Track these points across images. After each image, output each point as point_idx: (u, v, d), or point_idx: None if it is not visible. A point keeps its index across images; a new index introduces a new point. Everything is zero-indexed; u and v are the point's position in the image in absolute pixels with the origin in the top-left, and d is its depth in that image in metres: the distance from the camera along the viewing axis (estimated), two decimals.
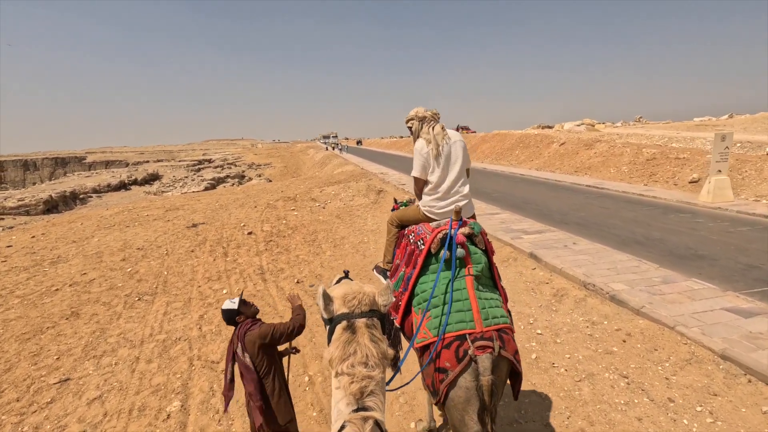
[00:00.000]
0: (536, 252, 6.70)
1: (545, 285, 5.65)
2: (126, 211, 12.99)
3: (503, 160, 25.93)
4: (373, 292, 1.57)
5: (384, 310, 1.56)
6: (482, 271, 2.15)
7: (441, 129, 2.60)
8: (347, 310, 1.47)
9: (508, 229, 8.37)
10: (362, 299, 1.50)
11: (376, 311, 1.53)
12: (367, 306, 1.50)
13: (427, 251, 2.24)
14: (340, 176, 22.50)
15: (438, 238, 2.20)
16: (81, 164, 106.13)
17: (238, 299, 2.51)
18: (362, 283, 1.70)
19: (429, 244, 2.22)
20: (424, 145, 2.57)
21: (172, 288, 5.96)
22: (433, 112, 2.70)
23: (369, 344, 1.37)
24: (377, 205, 12.52)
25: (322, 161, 45.10)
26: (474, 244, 2.22)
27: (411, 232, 2.50)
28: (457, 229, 2.20)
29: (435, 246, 2.20)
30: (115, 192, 27.59)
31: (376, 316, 1.51)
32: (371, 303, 1.52)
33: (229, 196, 16.01)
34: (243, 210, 12.11)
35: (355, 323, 1.42)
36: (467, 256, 2.14)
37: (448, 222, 2.27)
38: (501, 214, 9.84)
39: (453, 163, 2.57)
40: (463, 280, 2.08)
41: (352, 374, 1.29)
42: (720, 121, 26.35)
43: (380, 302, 1.54)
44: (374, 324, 1.48)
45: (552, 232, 8.02)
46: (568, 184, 14.98)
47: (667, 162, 14.54)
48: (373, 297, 1.55)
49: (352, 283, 1.68)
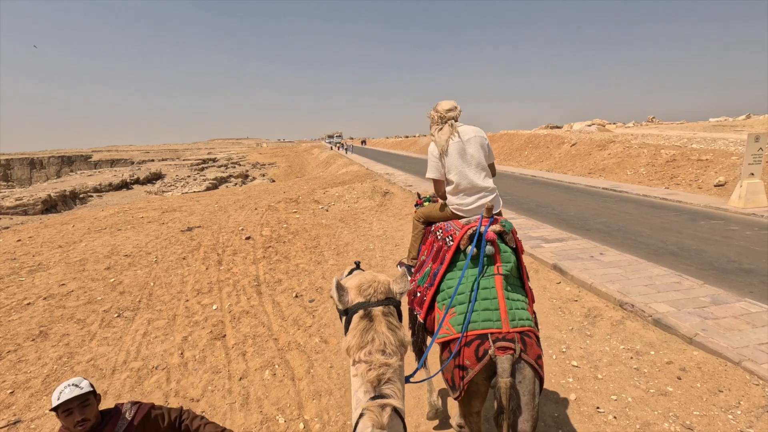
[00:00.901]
0: (560, 264, 6.05)
1: (574, 303, 5.01)
2: (121, 212, 12.45)
3: (512, 161, 25.22)
4: (388, 280, 1.57)
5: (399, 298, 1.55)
6: (511, 271, 2.11)
7: (449, 128, 2.58)
8: (363, 299, 1.47)
9: (526, 236, 7.71)
10: (377, 288, 1.51)
11: (392, 299, 1.52)
12: (382, 294, 1.50)
13: (455, 248, 2.21)
14: (344, 177, 21.91)
15: (467, 235, 2.18)
16: (87, 163, 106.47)
17: (86, 382, 1.63)
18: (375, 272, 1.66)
19: (458, 240, 2.20)
20: (434, 147, 2.60)
21: (157, 302, 5.37)
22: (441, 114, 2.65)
23: (386, 331, 1.36)
24: (383, 208, 11.90)
25: (326, 161, 44.57)
26: (504, 242, 2.18)
27: (439, 228, 2.49)
28: (488, 226, 2.16)
29: (464, 243, 2.18)
30: (116, 191, 27.12)
31: (392, 304, 1.50)
32: (386, 291, 1.52)
33: (230, 196, 15.45)
34: (243, 212, 11.53)
35: (372, 311, 1.42)
36: (497, 254, 2.10)
37: (478, 219, 2.25)
38: (516, 219, 9.18)
39: (469, 159, 2.54)
40: (492, 278, 2.03)
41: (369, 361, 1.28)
42: (738, 122, 25.49)
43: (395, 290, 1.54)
44: (391, 311, 1.47)
45: (574, 240, 7.36)
46: (582, 186, 14.28)
47: (689, 164, 13.81)
48: (388, 285, 1.55)
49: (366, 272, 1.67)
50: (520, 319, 1.94)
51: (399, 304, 1.58)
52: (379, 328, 1.39)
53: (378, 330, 1.38)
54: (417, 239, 2.88)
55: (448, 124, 2.61)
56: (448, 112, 2.63)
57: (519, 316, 1.95)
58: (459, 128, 2.60)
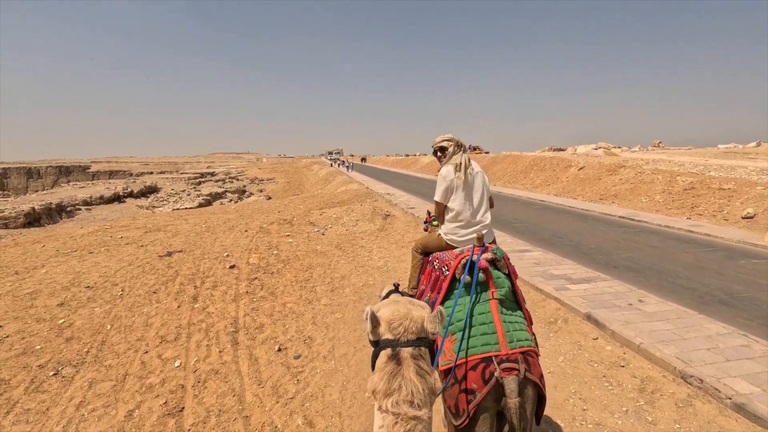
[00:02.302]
0: (594, 313, 5.11)
1: (621, 370, 4.05)
2: (101, 230, 11.51)
3: (517, 183, 24.46)
4: (422, 317, 1.46)
5: (433, 338, 1.44)
6: (506, 295, 2.16)
7: (468, 160, 2.71)
8: (392, 337, 1.38)
9: (546, 274, 6.79)
10: (408, 326, 1.41)
11: (424, 339, 1.41)
12: (413, 334, 1.40)
13: (451, 276, 2.28)
14: (343, 195, 21.06)
15: (461, 264, 2.25)
16: (85, 173, 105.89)
17: None
18: (412, 301, 1.55)
19: (453, 269, 2.27)
20: (451, 171, 2.67)
21: (109, 354, 4.39)
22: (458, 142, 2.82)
23: (415, 379, 1.28)
24: (384, 234, 10.99)
25: (325, 178, 43.86)
26: (497, 268, 2.25)
27: (435, 258, 2.55)
28: (480, 254, 2.24)
29: (459, 272, 2.24)
30: (107, 204, 26.17)
31: (424, 345, 1.40)
32: (419, 330, 1.42)
33: (221, 215, 14.54)
34: (231, 234, 10.61)
35: (401, 353, 1.33)
36: (490, 280, 2.17)
37: (470, 248, 2.32)
38: (532, 252, 8.26)
39: (475, 192, 2.68)
40: (488, 303, 2.09)
41: (397, 414, 1.21)
42: (748, 149, 24.88)
43: (429, 329, 1.43)
44: (421, 354, 1.37)
45: (604, 280, 6.43)
46: (597, 213, 13.42)
47: (710, 193, 12.98)
48: (422, 323, 1.44)
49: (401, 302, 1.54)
50: (518, 339, 1.97)
51: (432, 344, 1.46)
52: (407, 374, 1.28)
53: (406, 376, 1.28)
54: (416, 269, 2.94)
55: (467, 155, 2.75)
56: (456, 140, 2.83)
57: (517, 337, 1.98)
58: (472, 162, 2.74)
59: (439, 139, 2.89)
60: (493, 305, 2.07)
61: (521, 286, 6.51)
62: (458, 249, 2.52)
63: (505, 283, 2.19)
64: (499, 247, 2.39)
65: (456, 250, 2.49)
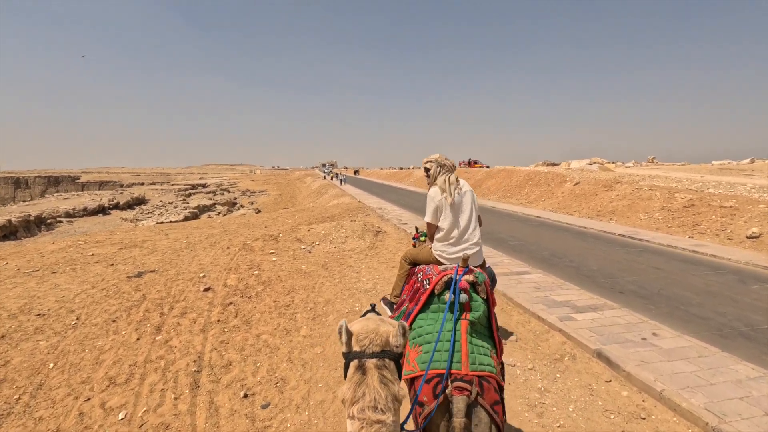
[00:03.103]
0: (606, 350, 4.55)
1: (642, 424, 3.48)
2: (73, 246, 10.81)
3: (512, 198, 24.07)
4: (388, 332, 1.55)
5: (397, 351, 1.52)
6: (479, 319, 2.15)
7: (456, 180, 2.80)
8: (359, 349, 1.48)
9: (548, 300, 6.23)
10: (374, 339, 1.51)
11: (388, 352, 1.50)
12: (378, 346, 1.49)
13: (430, 291, 2.30)
14: (334, 210, 20.50)
15: (443, 281, 2.27)
16: (74, 184, 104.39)
17: None
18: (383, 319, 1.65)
19: (434, 284, 2.29)
20: (438, 192, 2.77)
21: (43, 402, 3.73)
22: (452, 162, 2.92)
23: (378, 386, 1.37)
24: (374, 252, 10.40)
25: (318, 190, 43.30)
26: (476, 292, 2.24)
27: (420, 271, 2.55)
28: (462, 275, 2.27)
29: (439, 288, 2.27)
30: (91, 216, 25.30)
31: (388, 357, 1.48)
32: (383, 344, 1.51)
33: (204, 230, 13.89)
34: (212, 252, 9.96)
35: (366, 364, 1.43)
36: (468, 302, 2.17)
37: (455, 267, 2.35)
38: (531, 275, 7.72)
39: (463, 211, 2.75)
40: (459, 323, 2.10)
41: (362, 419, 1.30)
42: (742, 166, 24.79)
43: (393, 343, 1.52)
44: (385, 365, 1.46)
45: (611, 309, 5.88)
46: (596, 231, 12.96)
47: (711, 210, 12.60)
48: (387, 337, 1.53)
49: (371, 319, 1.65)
50: (481, 363, 1.96)
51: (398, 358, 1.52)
52: (371, 382, 1.37)
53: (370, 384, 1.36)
54: (401, 278, 2.95)
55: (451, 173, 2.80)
56: (446, 160, 2.86)
57: (480, 360, 1.97)
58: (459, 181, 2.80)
59: (424, 160, 3.01)
60: (464, 326, 2.08)
61: (520, 314, 5.94)
62: (443, 266, 2.54)
63: (480, 307, 2.18)
64: (483, 272, 2.39)
65: (441, 267, 2.51)
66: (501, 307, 6.26)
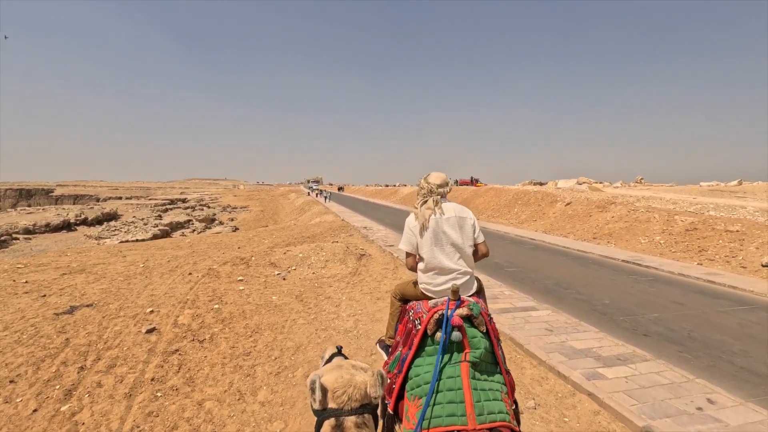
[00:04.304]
0: (656, 427, 3.46)
1: None
2: (10, 270, 9.34)
3: (502, 218, 23.25)
4: (365, 382, 1.44)
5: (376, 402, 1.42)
6: (481, 357, 1.92)
7: (433, 204, 2.45)
8: (336, 406, 1.36)
9: (566, 347, 5.15)
10: (352, 394, 1.38)
11: (368, 405, 1.40)
12: (357, 402, 1.38)
13: (423, 332, 2.07)
14: (316, 228, 19.29)
15: (434, 319, 2.05)
16: (47, 197, 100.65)
17: None
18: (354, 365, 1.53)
19: (425, 324, 2.07)
20: (412, 218, 2.52)
21: None
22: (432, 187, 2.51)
23: None
24: (357, 279, 9.24)
25: (301, 207, 41.98)
26: (473, 326, 2.04)
27: (411, 308, 2.35)
28: (454, 309, 2.06)
29: (431, 327, 2.05)
30: (53, 233, 23.38)
31: (367, 412, 1.39)
32: (362, 397, 1.40)
33: (170, 251, 12.52)
34: (170, 278, 8.66)
35: (345, 423, 1.32)
36: (465, 340, 1.96)
37: (445, 301, 2.13)
38: (538, 311, 6.65)
39: (442, 239, 2.38)
40: (458, 366, 1.86)
41: None
42: (731, 187, 24.58)
43: (372, 394, 1.41)
44: (365, 422, 1.36)
45: (644, 360, 4.82)
46: (596, 256, 12.05)
47: (716, 235, 11.85)
48: (365, 389, 1.42)
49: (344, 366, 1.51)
50: (490, 412, 1.72)
51: (376, 410, 1.43)
52: None
53: None
54: (394, 317, 2.67)
55: (432, 199, 2.47)
56: (438, 187, 2.51)
57: (489, 408, 1.74)
58: (443, 205, 2.45)
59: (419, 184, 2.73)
60: (464, 369, 1.84)
61: (534, 367, 4.84)
62: (433, 301, 2.26)
63: (481, 343, 1.95)
64: (478, 302, 2.17)
65: (431, 302, 2.24)
66: (509, 356, 5.15)
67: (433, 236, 2.38)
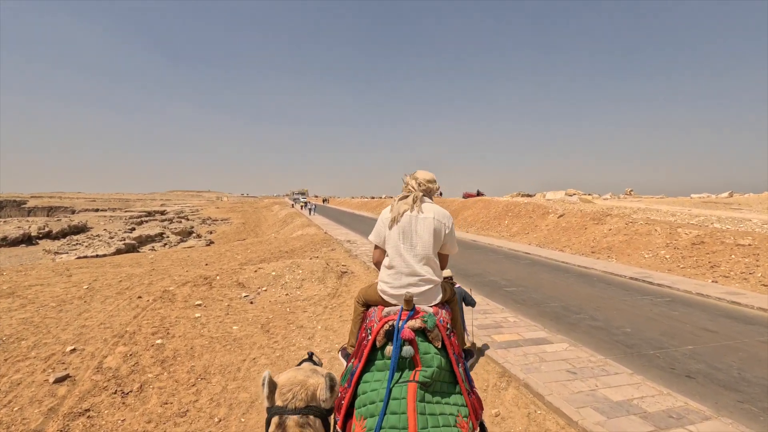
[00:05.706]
0: None
1: None
2: None
3: (492, 231, 22.29)
4: (316, 385, 1.38)
5: (325, 406, 1.35)
6: (433, 376, 1.68)
7: (412, 201, 2.18)
8: (281, 404, 1.32)
9: (598, 397, 4.01)
10: (298, 393, 1.33)
11: (314, 407, 1.33)
12: (302, 401, 1.32)
13: (372, 343, 1.83)
14: (296, 242, 17.98)
15: (384, 330, 1.81)
16: (19, 209, 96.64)
17: None
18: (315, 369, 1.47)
19: (374, 335, 1.83)
20: (387, 210, 2.26)
21: None
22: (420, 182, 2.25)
23: None
24: (337, 302, 8.01)
25: (284, 219, 40.53)
26: (427, 340, 1.78)
27: (368, 315, 2.08)
28: (406, 320, 1.80)
29: (380, 339, 1.79)
30: (10, 247, 21.50)
31: (312, 413, 1.32)
32: (309, 398, 1.33)
33: (127, 269, 11.09)
34: (112, 304, 7.30)
35: (286, 422, 1.27)
36: (416, 356, 1.71)
37: (398, 311, 1.89)
38: (553, 344, 5.51)
39: (413, 238, 2.08)
40: (405, 387, 1.61)
41: None
42: (722, 199, 24.16)
43: (320, 397, 1.34)
44: (308, 422, 1.29)
45: (703, 417, 3.71)
46: (599, 273, 11.06)
47: (727, 249, 10.99)
48: (314, 391, 1.36)
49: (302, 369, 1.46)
50: None
51: (325, 414, 1.35)
52: None
53: None
54: (356, 324, 2.32)
55: (413, 195, 2.19)
56: (428, 182, 2.26)
57: None
58: (424, 205, 2.16)
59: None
60: (411, 390, 1.59)
61: (561, 428, 3.67)
62: (387, 309, 1.98)
63: (434, 360, 1.71)
64: (437, 313, 1.91)
65: (384, 310, 1.97)
66: (526, 411, 3.99)
67: (401, 232, 2.09)
